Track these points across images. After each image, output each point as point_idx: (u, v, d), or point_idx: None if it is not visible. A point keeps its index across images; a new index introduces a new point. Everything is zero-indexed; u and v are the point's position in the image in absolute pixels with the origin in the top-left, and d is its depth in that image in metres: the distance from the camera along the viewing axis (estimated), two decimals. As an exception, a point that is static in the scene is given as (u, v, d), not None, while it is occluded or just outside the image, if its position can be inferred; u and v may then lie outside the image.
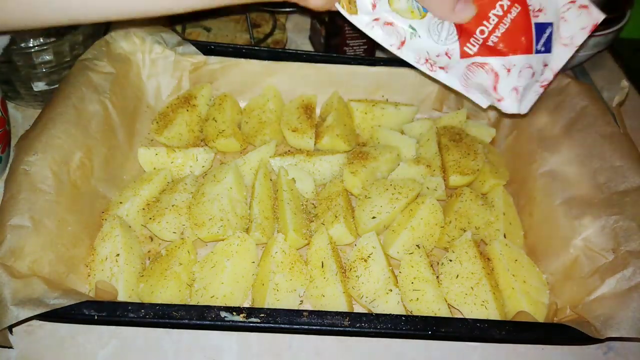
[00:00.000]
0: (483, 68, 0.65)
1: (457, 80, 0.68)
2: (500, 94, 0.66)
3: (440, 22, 0.63)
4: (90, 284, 0.70)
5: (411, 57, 0.66)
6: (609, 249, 0.69)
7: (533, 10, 0.64)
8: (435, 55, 0.66)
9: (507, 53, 0.64)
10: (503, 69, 0.65)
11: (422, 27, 0.64)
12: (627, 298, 0.64)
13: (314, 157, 0.87)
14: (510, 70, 0.65)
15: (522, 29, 0.64)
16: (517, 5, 0.63)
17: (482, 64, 0.65)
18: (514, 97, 0.67)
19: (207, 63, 0.92)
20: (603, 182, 0.74)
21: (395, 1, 0.62)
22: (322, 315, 0.62)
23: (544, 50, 0.67)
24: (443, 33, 0.64)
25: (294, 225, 0.76)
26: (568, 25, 0.68)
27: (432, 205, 0.80)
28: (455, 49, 0.65)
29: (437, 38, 0.64)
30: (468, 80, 0.67)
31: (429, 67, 0.67)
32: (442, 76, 0.68)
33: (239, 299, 0.71)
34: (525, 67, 0.66)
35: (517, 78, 0.66)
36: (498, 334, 0.63)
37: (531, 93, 0.69)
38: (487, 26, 0.63)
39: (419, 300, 0.70)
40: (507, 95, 0.66)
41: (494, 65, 0.65)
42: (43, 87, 0.90)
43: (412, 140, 0.91)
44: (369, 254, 0.74)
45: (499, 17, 0.63)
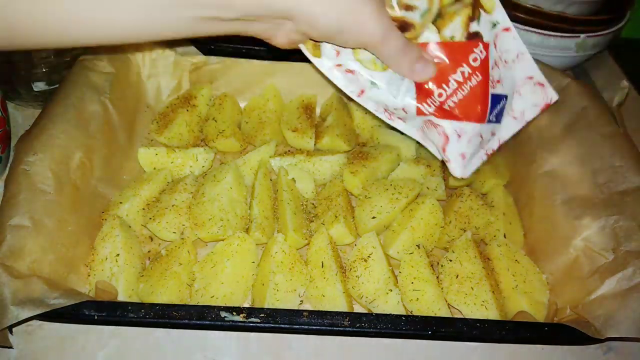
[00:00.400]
0: (436, 128, 0.65)
1: (415, 130, 0.68)
2: (448, 157, 0.66)
3: (401, 78, 0.63)
4: (90, 284, 0.70)
5: (370, 105, 0.66)
6: (609, 249, 0.69)
7: (492, 80, 0.64)
8: (392, 108, 0.66)
9: (462, 119, 0.64)
10: (454, 133, 0.65)
11: (383, 80, 0.64)
12: (627, 298, 0.64)
13: (314, 157, 0.87)
14: (461, 136, 0.65)
15: (480, 98, 0.64)
16: (478, 74, 0.63)
17: (435, 124, 0.65)
18: (460, 162, 0.67)
19: (207, 63, 0.92)
20: (603, 182, 0.74)
21: (360, 52, 0.62)
22: (322, 315, 0.62)
23: (494, 120, 0.67)
24: (402, 89, 0.64)
25: (294, 225, 0.76)
26: (522, 99, 0.68)
27: (432, 205, 0.80)
28: (412, 105, 0.65)
29: (396, 93, 0.64)
30: (425, 133, 0.68)
31: (388, 116, 0.67)
32: (400, 125, 0.68)
33: (239, 299, 0.71)
34: (475, 135, 0.66)
35: (467, 144, 0.66)
36: (498, 334, 0.63)
37: (476, 159, 0.69)
38: (445, 90, 0.62)
39: (419, 300, 0.70)
40: (454, 159, 0.66)
41: (446, 129, 0.65)
42: (43, 87, 0.90)
43: (412, 140, 0.91)
44: (369, 254, 0.74)
45: (459, 83, 0.62)
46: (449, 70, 0.62)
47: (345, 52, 0.62)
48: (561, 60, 1.03)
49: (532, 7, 0.98)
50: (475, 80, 0.63)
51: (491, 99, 0.64)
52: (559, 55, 1.02)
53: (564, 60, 1.03)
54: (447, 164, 0.67)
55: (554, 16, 0.97)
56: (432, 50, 0.61)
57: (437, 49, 0.61)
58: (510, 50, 0.65)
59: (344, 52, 0.62)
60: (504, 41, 0.65)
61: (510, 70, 0.66)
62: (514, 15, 0.99)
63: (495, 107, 0.65)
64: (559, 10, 0.98)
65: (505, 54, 0.65)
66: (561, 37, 0.99)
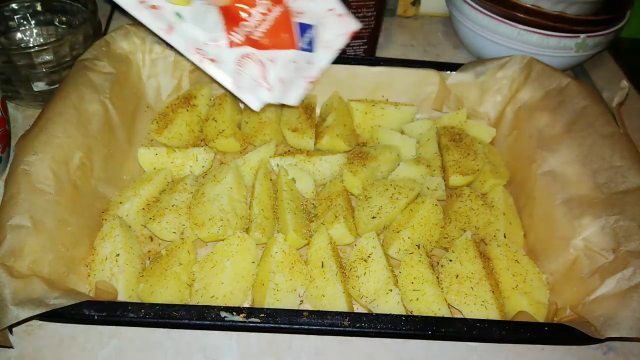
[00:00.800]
0: (251, 58, 0.69)
1: (228, 77, 0.70)
2: (270, 83, 0.70)
3: (205, 9, 0.65)
4: (90, 284, 0.70)
5: (180, 44, 0.67)
6: (609, 249, 0.69)
7: (294, 11, 0.70)
8: (203, 43, 0.68)
9: (271, 47, 0.69)
10: (268, 61, 0.70)
11: (189, 14, 0.66)
12: (627, 298, 0.64)
13: (314, 157, 0.87)
14: (274, 61, 0.70)
15: (285, 26, 0.69)
16: (279, 5, 0.68)
17: (249, 54, 0.69)
18: (281, 88, 0.72)
19: (207, 63, 0.92)
20: (603, 182, 0.74)
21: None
22: (322, 315, 0.62)
23: (307, 48, 0.72)
24: (209, 20, 0.66)
25: (294, 225, 0.76)
26: (328, 30, 0.74)
27: (432, 205, 0.80)
28: (222, 37, 0.68)
29: (203, 25, 0.67)
30: (240, 76, 0.70)
31: (199, 59, 0.68)
32: (212, 71, 0.70)
33: (239, 299, 0.71)
34: (289, 60, 0.71)
35: (283, 69, 0.71)
36: (498, 334, 0.63)
37: (297, 86, 0.73)
38: (249, 20, 0.67)
39: (419, 300, 0.70)
40: (275, 85, 0.71)
41: (259, 56, 0.69)
42: (43, 87, 0.90)
43: (412, 140, 0.91)
44: (369, 254, 0.74)
45: (263, 15, 0.67)
46: (250, 1, 0.66)
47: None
48: (561, 60, 1.03)
49: (532, 7, 0.98)
50: (278, 12, 0.67)
51: (299, 28, 0.70)
52: (559, 55, 1.02)
53: (564, 60, 1.04)
54: (270, 96, 0.71)
55: (554, 16, 0.97)
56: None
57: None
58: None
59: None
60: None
61: (312, 2, 0.71)
62: (514, 15, 0.99)
63: (304, 35, 0.70)
64: (559, 10, 0.98)
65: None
66: (561, 37, 0.99)
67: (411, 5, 1.27)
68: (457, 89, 0.95)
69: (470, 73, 0.94)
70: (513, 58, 0.92)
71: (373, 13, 1.00)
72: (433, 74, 0.94)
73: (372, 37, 1.05)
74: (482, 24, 1.04)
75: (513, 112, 0.93)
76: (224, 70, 0.69)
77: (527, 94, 0.90)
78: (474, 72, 0.94)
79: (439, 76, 0.94)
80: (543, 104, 0.87)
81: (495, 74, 0.93)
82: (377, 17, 1.01)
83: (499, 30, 1.02)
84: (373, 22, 1.02)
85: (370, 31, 1.03)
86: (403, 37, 1.23)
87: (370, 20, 1.01)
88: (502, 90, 0.94)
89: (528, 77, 0.90)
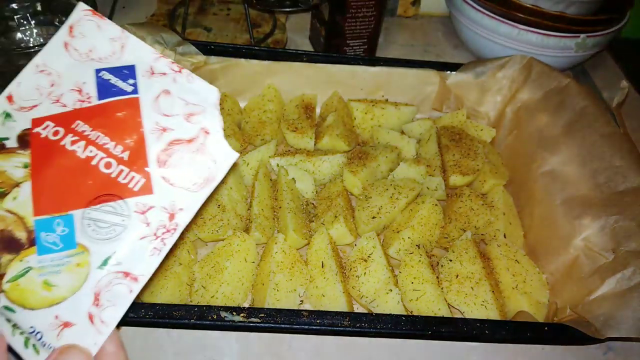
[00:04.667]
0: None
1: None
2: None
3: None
4: (90, 284, 0.69)
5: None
6: (609, 249, 0.69)
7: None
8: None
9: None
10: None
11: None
12: (627, 298, 0.64)
13: (314, 157, 0.87)
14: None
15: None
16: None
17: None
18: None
19: (207, 63, 0.92)
20: (603, 182, 0.74)
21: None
22: (322, 315, 0.62)
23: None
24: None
25: (294, 225, 0.76)
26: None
27: (432, 205, 0.80)
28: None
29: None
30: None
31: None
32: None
33: (239, 299, 0.71)
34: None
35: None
36: (498, 334, 0.63)
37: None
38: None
39: (419, 300, 0.70)
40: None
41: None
42: (43, 87, 0.89)
43: (412, 140, 0.91)
44: (369, 254, 0.74)
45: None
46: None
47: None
48: (561, 60, 1.03)
49: (532, 7, 0.98)
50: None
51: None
52: (559, 55, 1.02)
53: (564, 60, 1.04)
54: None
55: (554, 16, 0.97)
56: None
57: None
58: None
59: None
60: None
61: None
62: (514, 15, 0.99)
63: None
64: (559, 10, 0.98)
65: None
66: (561, 37, 0.99)
67: (411, 5, 1.27)
68: (457, 89, 0.95)
69: (470, 73, 0.94)
70: (513, 58, 0.92)
71: (373, 13, 1.00)
72: (433, 74, 0.94)
73: (372, 37, 1.05)
74: (482, 24, 1.04)
75: (513, 112, 0.93)
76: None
77: (527, 94, 0.90)
78: (474, 72, 0.94)
79: (439, 76, 0.94)
80: (543, 104, 0.87)
81: (495, 74, 0.93)
82: (377, 17, 1.01)
83: (499, 30, 1.02)
84: (373, 22, 1.02)
85: (370, 31, 1.03)
86: (403, 37, 1.23)
87: (370, 20, 1.01)
88: (502, 90, 0.94)
89: (528, 77, 0.90)
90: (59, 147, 0.44)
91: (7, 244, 0.42)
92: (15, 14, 0.97)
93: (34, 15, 0.99)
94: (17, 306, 0.42)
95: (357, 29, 1.02)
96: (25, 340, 0.42)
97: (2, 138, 0.46)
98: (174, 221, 0.44)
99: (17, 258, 0.42)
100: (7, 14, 0.97)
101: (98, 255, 0.42)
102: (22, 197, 0.44)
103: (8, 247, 0.42)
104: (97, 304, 0.42)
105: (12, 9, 0.97)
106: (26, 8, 0.98)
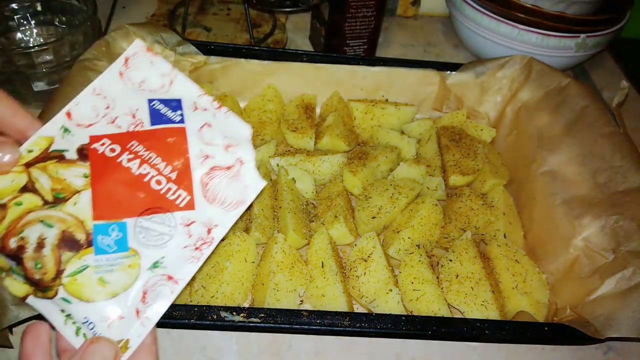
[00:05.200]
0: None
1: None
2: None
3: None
4: (90, 284, 0.69)
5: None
6: (609, 249, 0.69)
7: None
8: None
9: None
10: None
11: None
12: (627, 298, 0.64)
13: (314, 157, 0.87)
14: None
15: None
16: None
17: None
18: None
19: (207, 63, 0.92)
20: (603, 182, 0.74)
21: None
22: (322, 315, 0.62)
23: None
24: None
25: (294, 225, 0.76)
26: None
27: (432, 205, 0.80)
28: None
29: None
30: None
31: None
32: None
33: (239, 299, 0.71)
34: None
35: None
36: (498, 334, 0.63)
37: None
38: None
39: (419, 300, 0.70)
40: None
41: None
42: (43, 87, 0.90)
43: (412, 140, 0.91)
44: (369, 254, 0.74)
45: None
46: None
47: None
48: (561, 60, 1.03)
49: (532, 7, 0.98)
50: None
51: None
52: (559, 55, 1.02)
53: (564, 60, 1.04)
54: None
55: (553, 16, 0.97)
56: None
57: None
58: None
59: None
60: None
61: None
62: (514, 15, 0.99)
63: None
64: (559, 10, 0.98)
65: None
66: (561, 37, 0.99)
67: (411, 5, 1.27)
68: (457, 89, 0.95)
69: (470, 73, 0.94)
70: (513, 58, 0.92)
71: (373, 13, 1.00)
72: (433, 74, 0.94)
73: (372, 37, 1.05)
74: (482, 24, 1.04)
75: (513, 112, 0.93)
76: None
77: (527, 94, 0.90)
78: (474, 72, 0.94)
79: (439, 76, 0.94)
80: (543, 104, 0.87)
81: (495, 74, 0.93)
82: (377, 17, 1.01)
83: (499, 30, 1.02)
84: (373, 22, 1.02)
85: (370, 31, 1.03)
86: (403, 37, 1.23)
87: (370, 20, 1.01)
88: (502, 90, 0.94)
89: (528, 77, 0.90)
90: (116, 164, 0.50)
91: (68, 243, 0.47)
92: (15, 14, 0.98)
93: (34, 15, 0.99)
94: (74, 298, 0.46)
95: (357, 29, 1.03)
96: (76, 329, 0.47)
97: (62, 150, 0.51)
98: (211, 235, 0.50)
99: (76, 256, 0.47)
100: (7, 14, 0.97)
101: (147, 258, 0.48)
102: (81, 204, 0.49)
103: (69, 246, 0.47)
104: (143, 301, 0.47)
105: (12, 9, 0.97)
106: (26, 8, 0.98)
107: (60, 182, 0.49)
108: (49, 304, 0.47)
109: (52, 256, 0.47)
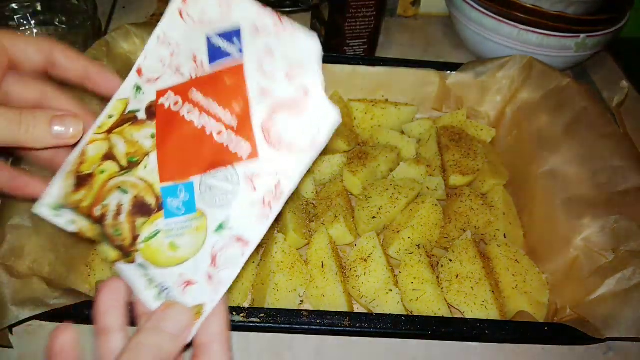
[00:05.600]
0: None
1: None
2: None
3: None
4: (91, 284, 0.70)
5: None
6: (609, 249, 0.69)
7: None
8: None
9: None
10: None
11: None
12: (627, 298, 0.64)
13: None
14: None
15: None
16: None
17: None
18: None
19: (207, 63, 0.92)
20: (603, 182, 0.74)
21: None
22: (322, 315, 0.62)
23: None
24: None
25: (294, 225, 0.76)
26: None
27: (432, 205, 0.80)
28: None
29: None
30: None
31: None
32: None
33: (239, 299, 0.71)
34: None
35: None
36: (498, 334, 0.63)
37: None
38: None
39: (419, 300, 0.70)
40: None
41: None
42: (43, 87, 0.89)
43: (412, 140, 0.91)
44: (369, 254, 0.74)
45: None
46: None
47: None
48: (561, 60, 1.03)
49: (532, 7, 0.98)
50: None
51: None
52: (559, 55, 1.02)
53: (564, 60, 1.04)
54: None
55: (554, 16, 0.97)
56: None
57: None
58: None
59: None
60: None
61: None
62: (514, 15, 0.99)
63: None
64: (559, 10, 0.98)
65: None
66: (561, 37, 0.99)
67: (411, 5, 1.27)
68: (457, 89, 0.95)
69: (470, 73, 0.94)
70: (513, 58, 0.92)
71: (373, 13, 1.00)
72: (433, 74, 0.94)
73: (372, 37, 1.05)
74: (482, 24, 1.04)
75: (513, 112, 0.93)
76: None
77: (527, 94, 0.90)
78: (474, 72, 0.94)
79: (439, 76, 0.94)
80: (543, 104, 0.87)
81: (496, 74, 0.93)
82: (377, 17, 1.01)
83: (499, 30, 1.02)
84: (373, 22, 1.02)
85: (370, 31, 1.03)
86: (403, 37, 1.23)
87: (370, 20, 1.01)
88: (502, 90, 0.94)
89: (528, 77, 0.90)
90: (179, 118, 0.46)
91: (140, 208, 0.46)
92: (15, 14, 0.97)
93: (34, 15, 0.99)
94: (150, 264, 0.45)
95: (357, 29, 1.02)
96: (157, 292, 0.45)
97: (135, 110, 0.48)
98: (280, 188, 0.44)
99: (148, 221, 0.46)
100: (7, 14, 0.97)
101: (214, 220, 0.45)
102: (151, 166, 0.47)
103: (141, 211, 0.46)
104: (214, 265, 0.45)
105: (12, 9, 0.97)
106: (26, 8, 0.98)
107: (134, 145, 0.47)
108: (133, 269, 0.46)
109: (127, 222, 0.46)
